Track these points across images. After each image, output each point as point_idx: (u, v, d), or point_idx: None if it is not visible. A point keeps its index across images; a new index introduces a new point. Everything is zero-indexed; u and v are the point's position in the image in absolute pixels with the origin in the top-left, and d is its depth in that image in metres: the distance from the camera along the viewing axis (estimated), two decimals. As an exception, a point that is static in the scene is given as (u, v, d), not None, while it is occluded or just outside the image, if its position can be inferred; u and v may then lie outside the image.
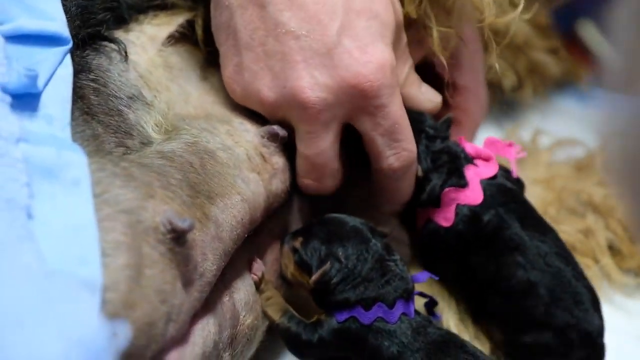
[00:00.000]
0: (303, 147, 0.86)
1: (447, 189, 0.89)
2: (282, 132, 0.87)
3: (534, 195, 1.07)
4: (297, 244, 0.85)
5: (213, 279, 0.76)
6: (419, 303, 0.89)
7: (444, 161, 0.90)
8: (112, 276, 0.64)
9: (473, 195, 0.89)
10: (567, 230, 1.06)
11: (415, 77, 0.91)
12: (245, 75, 0.85)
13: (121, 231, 0.67)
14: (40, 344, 0.52)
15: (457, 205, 0.89)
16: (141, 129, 0.81)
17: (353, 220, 0.86)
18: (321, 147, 0.85)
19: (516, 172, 0.93)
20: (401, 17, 0.87)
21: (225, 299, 0.80)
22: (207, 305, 0.77)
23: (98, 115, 0.76)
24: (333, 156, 0.86)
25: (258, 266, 0.86)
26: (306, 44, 0.81)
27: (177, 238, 0.70)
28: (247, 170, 0.84)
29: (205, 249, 0.74)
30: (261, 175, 0.85)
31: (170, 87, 0.88)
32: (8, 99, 0.69)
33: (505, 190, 0.91)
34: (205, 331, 0.75)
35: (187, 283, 0.72)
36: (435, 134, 0.91)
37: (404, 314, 0.83)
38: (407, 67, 0.90)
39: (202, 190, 0.77)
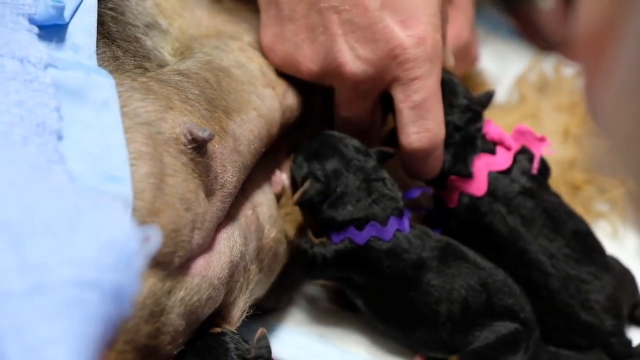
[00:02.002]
0: (342, 110, 0.89)
1: (452, 177, 0.89)
2: None
3: (559, 121, 1.08)
4: (291, 160, 0.88)
5: (234, 190, 0.78)
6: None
7: (455, 144, 0.89)
8: (136, 185, 0.67)
9: (477, 186, 0.89)
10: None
11: (474, 50, 0.93)
12: (285, 46, 0.87)
13: (142, 142, 0.69)
14: (74, 249, 0.53)
15: (461, 192, 0.90)
16: (158, 53, 0.82)
17: (339, 139, 0.87)
18: (359, 111, 0.88)
19: (536, 168, 0.91)
20: None
21: (249, 212, 0.83)
22: (231, 217, 0.79)
23: (117, 40, 0.78)
24: (369, 120, 0.89)
25: (277, 179, 0.88)
26: (348, 18, 0.83)
27: (198, 148, 0.72)
28: (261, 86, 0.86)
29: (224, 161, 0.76)
30: (275, 90, 0.87)
31: (182, 14, 0.89)
32: (36, 29, 0.70)
33: (515, 187, 0.89)
34: (231, 241, 0.78)
35: (209, 192, 0.74)
36: (468, 105, 0.89)
37: (398, 230, 0.84)
38: (466, 32, 0.93)
39: (219, 105, 0.79)
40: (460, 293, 0.83)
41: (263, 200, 0.85)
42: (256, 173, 0.85)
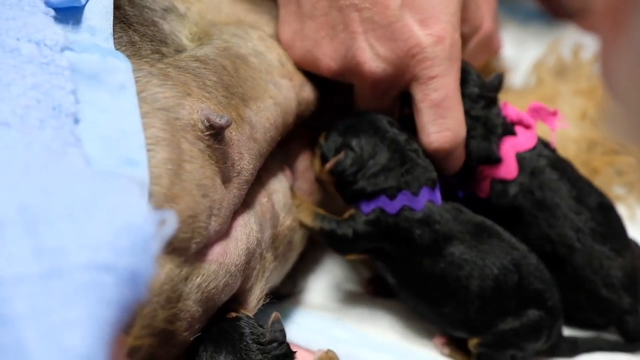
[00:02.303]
0: (361, 106, 0.89)
1: (481, 167, 0.89)
2: None
3: (576, 105, 1.08)
4: (322, 138, 0.88)
5: (250, 177, 0.78)
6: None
7: (478, 134, 0.88)
8: (153, 170, 0.67)
9: (507, 169, 0.89)
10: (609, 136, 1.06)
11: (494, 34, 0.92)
12: (305, 43, 0.87)
13: (160, 127, 0.69)
14: (90, 233, 0.53)
15: (492, 179, 0.90)
16: (175, 37, 0.82)
17: (373, 115, 0.87)
18: (378, 108, 0.88)
19: (554, 143, 0.92)
20: None
21: (264, 199, 0.82)
22: (247, 204, 0.79)
23: (134, 25, 0.77)
24: (387, 110, 0.88)
25: (286, 177, 0.88)
26: (368, 16, 0.83)
27: (215, 135, 0.72)
28: (278, 76, 0.85)
29: (241, 148, 0.76)
30: (292, 82, 0.87)
31: (202, -1, 0.89)
32: (52, 12, 0.70)
33: (542, 161, 0.90)
34: (247, 228, 0.78)
35: (226, 179, 0.74)
36: (480, 93, 0.89)
37: (430, 201, 0.84)
38: (489, 22, 0.91)
39: (236, 93, 0.79)
40: (492, 270, 0.83)
41: (278, 188, 0.85)
42: (271, 161, 0.85)
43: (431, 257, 0.84)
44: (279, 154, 0.87)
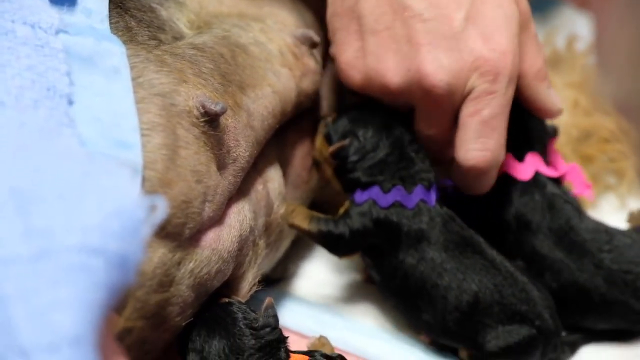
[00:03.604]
0: (423, 127, 0.87)
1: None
2: (316, 38, 0.89)
3: (568, 98, 1.08)
4: (330, 119, 0.88)
5: (246, 165, 0.78)
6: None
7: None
8: (148, 155, 0.67)
9: (524, 169, 0.89)
10: (600, 123, 1.07)
11: (546, 74, 0.89)
12: (368, 60, 0.85)
13: (156, 113, 0.69)
14: (80, 215, 0.53)
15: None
16: (173, 24, 0.82)
17: (386, 110, 0.87)
18: (440, 126, 0.86)
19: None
20: (527, 9, 0.86)
21: (260, 187, 0.83)
22: (242, 191, 0.80)
23: (131, 10, 0.77)
24: (448, 135, 0.87)
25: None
26: (433, 28, 0.82)
27: (211, 121, 0.72)
28: (278, 65, 0.85)
29: (237, 135, 0.77)
30: (292, 72, 0.87)
31: (203, -13, 0.89)
32: (47, -6, 0.71)
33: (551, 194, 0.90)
34: (241, 215, 0.78)
35: (221, 166, 0.75)
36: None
37: (422, 200, 0.84)
38: (540, 60, 0.88)
39: (234, 80, 0.79)
40: (471, 286, 0.83)
41: (274, 177, 0.86)
42: (268, 149, 0.85)
43: (413, 257, 0.84)
44: (276, 142, 0.87)
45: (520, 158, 0.89)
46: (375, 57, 0.85)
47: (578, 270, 0.87)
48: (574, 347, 0.88)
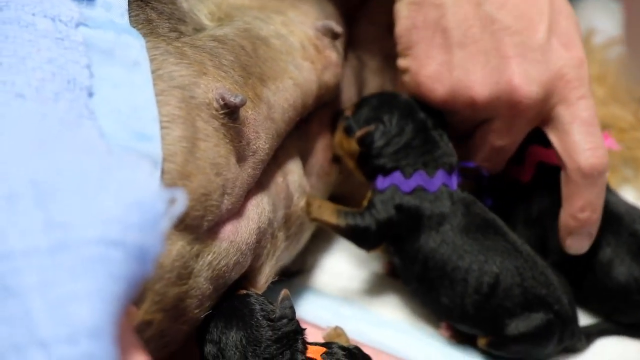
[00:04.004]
0: (496, 138, 0.88)
1: (532, 148, 0.91)
2: (338, 29, 0.89)
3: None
4: (349, 112, 0.89)
5: (266, 157, 0.78)
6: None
7: None
8: (168, 148, 0.68)
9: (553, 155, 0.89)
10: (618, 114, 1.06)
11: None
12: (455, 73, 0.85)
13: (175, 105, 0.69)
14: (100, 208, 0.53)
15: (539, 161, 0.91)
16: (194, 16, 0.82)
17: (406, 96, 0.88)
18: (515, 140, 0.88)
19: None
20: None
21: (279, 179, 0.83)
22: (261, 184, 0.80)
23: (151, 2, 0.77)
24: (514, 148, 0.89)
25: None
26: (520, 40, 0.83)
27: (230, 114, 0.73)
28: (300, 58, 0.85)
29: (257, 128, 0.77)
30: (314, 65, 0.86)
31: (224, -20, 0.89)
32: (67, -13, 0.71)
33: None
34: (259, 208, 0.78)
35: (240, 158, 0.75)
36: None
37: (444, 185, 0.85)
38: None
39: (254, 73, 0.79)
40: (492, 268, 0.83)
41: (294, 169, 0.86)
42: (289, 142, 0.85)
43: (434, 241, 0.84)
44: (297, 134, 0.87)
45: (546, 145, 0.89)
46: (463, 70, 0.85)
47: (615, 241, 0.88)
48: (590, 338, 0.88)
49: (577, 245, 0.87)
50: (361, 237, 0.86)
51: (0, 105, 0.61)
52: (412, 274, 0.86)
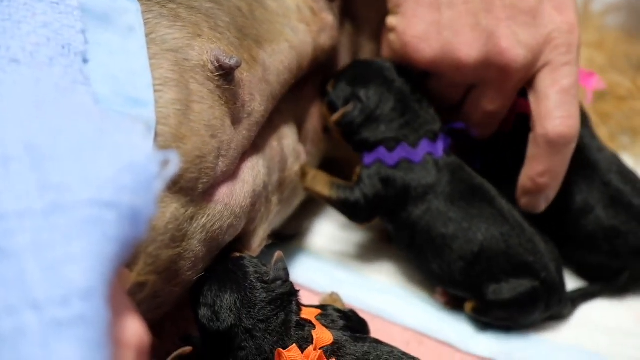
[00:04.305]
0: (486, 103, 0.88)
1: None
2: None
3: (585, 58, 1.07)
4: (329, 87, 0.88)
5: (261, 119, 0.78)
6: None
7: None
8: (161, 110, 0.68)
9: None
10: (616, 81, 1.06)
11: None
12: (444, 34, 0.84)
13: (168, 68, 0.69)
14: (94, 170, 0.53)
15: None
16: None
17: (381, 63, 0.88)
18: (505, 104, 0.87)
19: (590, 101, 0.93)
20: None
21: (274, 143, 0.83)
22: (256, 147, 0.80)
23: (148, -37, 0.77)
24: (506, 111, 0.88)
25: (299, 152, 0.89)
26: (510, 3, 0.82)
27: (225, 75, 0.72)
28: (296, 20, 0.85)
29: (252, 90, 0.77)
30: (310, 27, 0.86)
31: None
32: (62, -48, 0.70)
33: None
34: (255, 170, 0.78)
35: (235, 120, 0.75)
36: None
37: (429, 153, 0.85)
38: None
39: (250, 34, 0.79)
40: (477, 236, 0.84)
41: (288, 134, 0.86)
42: (284, 106, 0.85)
43: (419, 209, 0.85)
44: (293, 98, 0.87)
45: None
46: (451, 31, 0.84)
47: (587, 189, 0.88)
48: (575, 303, 0.89)
49: (532, 205, 0.87)
50: (351, 211, 0.87)
51: (-5, 70, 0.61)
52: (403, 241, 0.87)
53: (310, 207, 0.96)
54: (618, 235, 0.88)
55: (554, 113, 0.83)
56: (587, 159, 0.89)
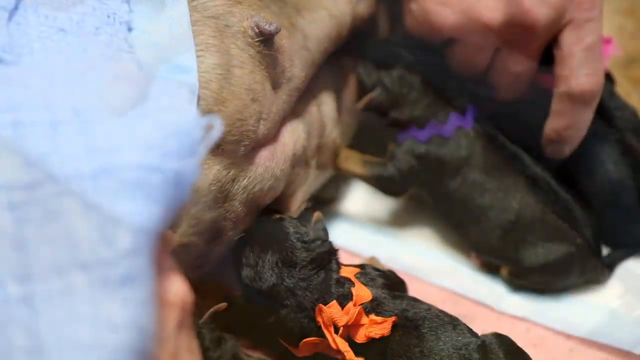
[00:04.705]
0: (513, 64, 0.86)
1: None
2: None
3: (614, 25, 1.07)
4: (361, 68, 0.90)
5: (301, 85, 0.80)
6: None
7: None
8: (203, 75, 0.69)
9: None
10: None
11: None
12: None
13: (209, 34, 0.70)
14: (140, 134, 0.54)
15: None
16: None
17: (404, 44, 0.90)
18: (532, 63, 0.86)
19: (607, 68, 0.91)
20: None
21: (314, 109, 0.84)
22: (296, 112, 0.81)
23: None
24: (533, 71, 0.87)
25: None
26: None
27: (265, 41, 0.73)
28: None
29: (292, 56, 0.78)
30: None
31: None
32: None
33: None
34: (295, 134, 0.80)
35: (276, 85, 0.76)
36: None
37: (459, 127, 0.86)
38: None
39: (290, 2, 0.80)
40: (512, 204, 0.85)
41: (327, 100, 0.87)
42: (324, 74, 0.86)
43: (456, 181, 0.86)
44: (332, 67, 0.88)
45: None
46: None
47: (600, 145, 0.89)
48: (612, 267, 0.89)
49: (556, 152, 0.87)
50: (387, 186, 0.89)
51: (43, 39, 0.62)
52: (442, 212, 0.90)
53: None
54: (625, 189, 0.88)
55: (579, 70, 0.82)
56: (603, 115, 0.88)
